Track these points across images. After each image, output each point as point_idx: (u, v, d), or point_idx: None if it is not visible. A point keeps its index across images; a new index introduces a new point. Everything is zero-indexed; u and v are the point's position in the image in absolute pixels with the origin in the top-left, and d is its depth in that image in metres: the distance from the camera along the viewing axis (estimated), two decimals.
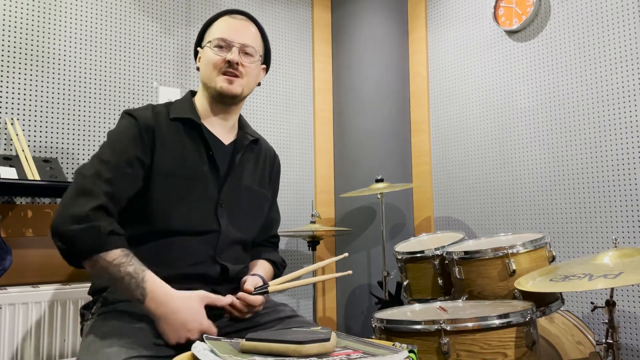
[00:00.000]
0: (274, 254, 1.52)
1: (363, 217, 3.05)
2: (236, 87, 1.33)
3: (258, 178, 1.45)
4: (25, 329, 1.86)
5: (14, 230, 2.05)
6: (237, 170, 1.38)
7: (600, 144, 2.31)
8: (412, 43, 3.26)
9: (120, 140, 1.24)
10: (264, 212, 1.49)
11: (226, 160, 1.36)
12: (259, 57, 1.39)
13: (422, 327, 1.45)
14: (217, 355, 0.89)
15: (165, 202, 1.24)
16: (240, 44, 1.34)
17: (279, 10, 3.13)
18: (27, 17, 2.25)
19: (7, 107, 2.17)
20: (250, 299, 1.23)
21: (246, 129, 1.46)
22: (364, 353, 0.92)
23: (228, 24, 1.36)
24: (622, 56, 2.26)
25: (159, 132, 1.27)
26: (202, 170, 1.31)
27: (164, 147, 1.27)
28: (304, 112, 3.17)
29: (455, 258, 1.84)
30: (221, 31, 1.35)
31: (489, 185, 2.76)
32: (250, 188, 1.40)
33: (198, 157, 1.31)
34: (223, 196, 1.33)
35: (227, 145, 1.38)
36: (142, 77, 2.56)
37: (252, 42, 1.37)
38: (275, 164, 1.55)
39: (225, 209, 1.32)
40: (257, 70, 1.41)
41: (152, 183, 1.25)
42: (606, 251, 1.62)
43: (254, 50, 1.37)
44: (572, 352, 1.88)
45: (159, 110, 1.33)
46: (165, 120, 1.31)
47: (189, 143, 1.31)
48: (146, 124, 1.26)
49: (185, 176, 1.28)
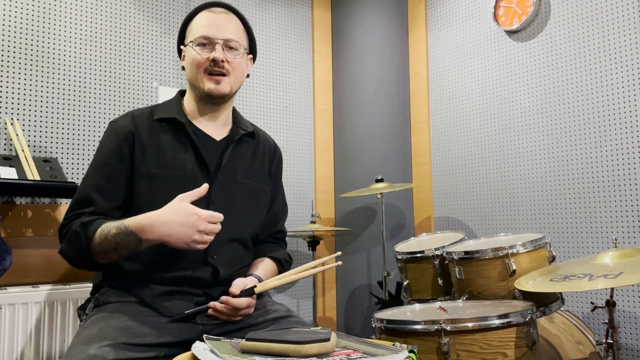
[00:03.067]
0: (278, 251, 1.47)
1: (363, 217, 3.04)
2: (224, 86, 1.30)
3: (255, 173, 1.40)
4: (25, 329, 1.86)
5: (14, 230, 2.05)
6: (229, 166, 1.34)
7: (600, 143, 2.31)
8: (412, 43, 3.26)
9: (101, 155, 1.28)
10: (263, 207, 1.44)
11: (216, 156, 1.33)
12: (243, 50, 1.35)
13: (422, 327, 1.45)
14: (217, 355, 0.88)
15: (150, 205, 1.21)
16: (223, 40, 1.30)
17: (279, 10, 3.13)
18: (27, 17, 2.25)
19: (7, 107, 2.17)
20: (233, 302, 1.20)
21: (240, 123, 1.42)
22: (364, 353, 0.92)
23: (209, 20, 1.32)
24: (622, 56, 2.26)
25: (138, 136, 1.27)
26: (188, 168, 1.28)
27: (145, 150, 1.27)
28: (304, 111, 3.17)
29: (455, 258, 1.84)
30: (202, 28, 1.30)
31: (489, 185, 2.76)
32: (244, 184, 1.36)
33: (184, 155, 1.29)
34: (214, 194, 1.29)
35: (219, 141, 1.35)
36: (142, 77, 2.56)
37: (235, 35, 1.32)
38: (276, 156, 1.50)
39: (217, 207, 1.26)
40: (244, 63, 1.36)
41: (136, 187, 1.25)
42: (606, 251, 1.62)
43: (238, 44, 1.33)
44: (572, 352, 1.88)
45: (139, 114, 1.33)
46: (146, 123, 1.30)
47: (173, 142, 1.29)
48: (124, 132, 1.27)
49: (170, 176, 1.26)
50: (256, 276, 1.31)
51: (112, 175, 1.25)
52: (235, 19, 1.37)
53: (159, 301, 1.21)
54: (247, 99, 2.93)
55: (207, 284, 1.26)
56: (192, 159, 1.29)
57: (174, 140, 1.30)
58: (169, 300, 1.21)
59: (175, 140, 1.30)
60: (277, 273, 1.42)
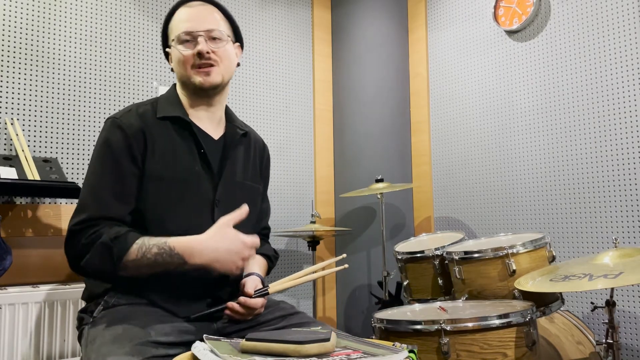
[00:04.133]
0: (266, 247, 1.49)
1: (363, 217, 3.04)
2: (215, 76, 1.28)
3: (250, 172, 1.40)
4: (25, 329, 1.86)
5: (14, 230, 2.05)
6: (230, 167, 1.34)
7: (600, 144, 2.31)
8: (412, 43, 3.26)
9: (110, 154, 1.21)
10: (258, 206, 1.44)
11: (218, 157, 1.32)
12: (227, 38, 1.32)
13: (422, 327, 1.45)
14: (217, 355, 0.88)
15: (158, 208, 1.21)
16: (204, 31, 1.27)
17: (279, 10, 3.12)
18: (27, 17, 2.25)
19: (7, 107, 2.17)
20: (251, 302, 1.22)
21: (234, 122, 1.42)
22: (364, 353, 0.92)
23: (187, 15, 1.29)
24: (622, 56, 2.26)
25: (149, 134, 1.23)
26: (194, 170, 1.26)
27: (155, 151, 1.23)
28: (304, 112, 3.17)
29: (455, 258, 1.84)
30: (182, 24, 1.28)
31: (489, 185, 2.76)
32: (243, 184, 1.37)
33: (189, 156, 1.27)
34: (218, 195, 1.29)
35: (217, 140, 1.34)
36: (142, 77, 2.56)
37: (216, 25, 1.30)
38: (265, 154, 1.50)
39: (221, 209, 1.26)
40: (231, 51, 1.34)
41: (144, 190, 1.22)
42: (606, 251, 1.62)
43: (221, 33, 1.30)
44: (572, 352, 1.88)
45: (144, 110, 1.27)
46: (152, 120, 1.26)
47: (179, 142, 1.27)
48: (134, 131, 1.22)
49: (177, 179, 1.24)
50: (257, 275, 1.32)
51: (125, 176, 1.20)
52: (214, 9, 1.34)
53: (171, 303, 1.21)
54: (247, 99, 2.93)
55: (215, 285, 1.27)
56: (197, 160, 1.28)
57: (180, 140, 1.27)
58: (180, 302, 1.22)
59: (181, 140, 1.28)
60: (267, 269, 1.46)
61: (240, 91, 2.90)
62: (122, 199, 1.20)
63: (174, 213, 1.23)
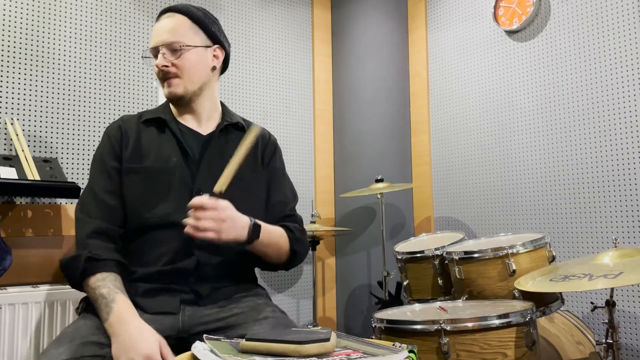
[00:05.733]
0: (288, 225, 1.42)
1: (363, 217, 3.04)
2: (175, 88, 1.33)
3: (246, 163, 1.35)
4: (25, 329, 1.86)
5: (14, 230, 2.05)
6: (215, 157, 1.34)
7: (600, 144, 2.31)
8: (412, 43, 3.26)
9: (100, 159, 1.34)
10: (257, 196, 1.41)
11: (200, 149, 1.36)
12: (190, 44, 1.32)
13: (422, 327, 1.45)
14: (217, 355, 0.89)
15: (135, 199, 1.28)
16: (163, 45, 1.31)
17: (279, 10, 3.13)
18: (27, 17, 2.25)
19: (7, 107, 2.17)
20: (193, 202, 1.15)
21: (228, 117, 1.43)
22: (364, 353, 0.92)
23: (154, 30, 1.36)
24: (622, 56, 2.26)
25: (125, 134, 1.34)
26: (172, 161, 1.31)
27: (131, 147, 1.32)
28: (304, 111, 3.17)
29: (455, 258, 1.84)
30: (151, 40, 1.35)
31: (489, 185, 2.76)
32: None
33: (169, 150, 1.33)
34: (198, 184, 1.30)
35: (205, 135, 1.38)
36: (142, 77, 2.56)
37: (172, 35, 1.31)
38: (270, 143, 1.47)
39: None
40: (197, 58, 1.33)
41: (123, 184, 1.30)
42: (606, 251, 1.62)
43: (178, 43, 1.30)
44: (572, 352, 1.88)
45: (129, 117, 1.39)
46: (135, 124, 1.37)
47: (158, 138, 1.35)
48: (114, 133, 1.34)
49: (153, 170, 1.31)
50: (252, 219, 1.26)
51: (112, 174, 1.31)
52: (179, 17, 1.34)
53: (145, 299, 1.23)
54: (247, 99, 2.93)
55: (192, 276, 1.26)
56: (177, 153, 1.33)
57: (159, 137, 1.35)
58: (155, 297, 1.23)
59: (160, 137, 1.35)
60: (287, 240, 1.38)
61: (240, 91, 2.90)
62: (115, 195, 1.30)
63: (149, 203, 1.28)
